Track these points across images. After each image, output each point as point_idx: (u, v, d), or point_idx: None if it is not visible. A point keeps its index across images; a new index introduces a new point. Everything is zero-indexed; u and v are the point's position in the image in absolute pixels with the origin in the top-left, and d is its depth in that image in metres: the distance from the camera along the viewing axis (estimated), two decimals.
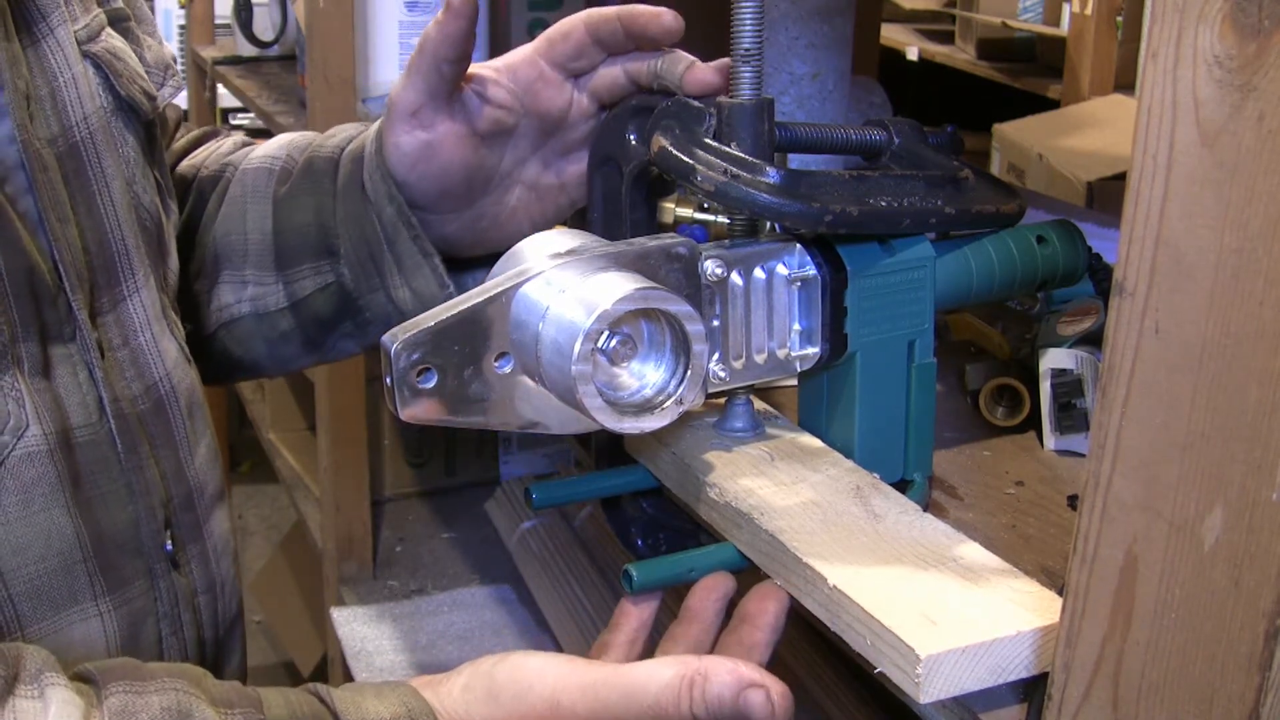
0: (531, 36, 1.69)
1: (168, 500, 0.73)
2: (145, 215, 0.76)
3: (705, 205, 0.89)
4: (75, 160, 0.70)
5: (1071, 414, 0.78)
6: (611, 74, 0.78)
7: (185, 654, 0.74)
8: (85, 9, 0.74)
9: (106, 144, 0.73)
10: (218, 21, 2.63)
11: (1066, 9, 2.74)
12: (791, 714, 0.59)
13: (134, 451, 0.70)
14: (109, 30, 0.76)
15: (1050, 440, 0.79)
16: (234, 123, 3.11)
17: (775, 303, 0.67)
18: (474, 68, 0.79)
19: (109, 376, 0.69)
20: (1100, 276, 0.81)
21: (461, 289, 0.80)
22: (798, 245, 0.67)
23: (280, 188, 0.87)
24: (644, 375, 0.62)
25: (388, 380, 0.59)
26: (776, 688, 0.58)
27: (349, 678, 1.62)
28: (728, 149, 0.65)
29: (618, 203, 0.74)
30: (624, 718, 0.58)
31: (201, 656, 0.76)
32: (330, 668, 1.85)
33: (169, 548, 0.73)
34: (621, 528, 0.76)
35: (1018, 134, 2.34)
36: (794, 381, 0.72)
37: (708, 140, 0.66)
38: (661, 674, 0.58)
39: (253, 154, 0.91)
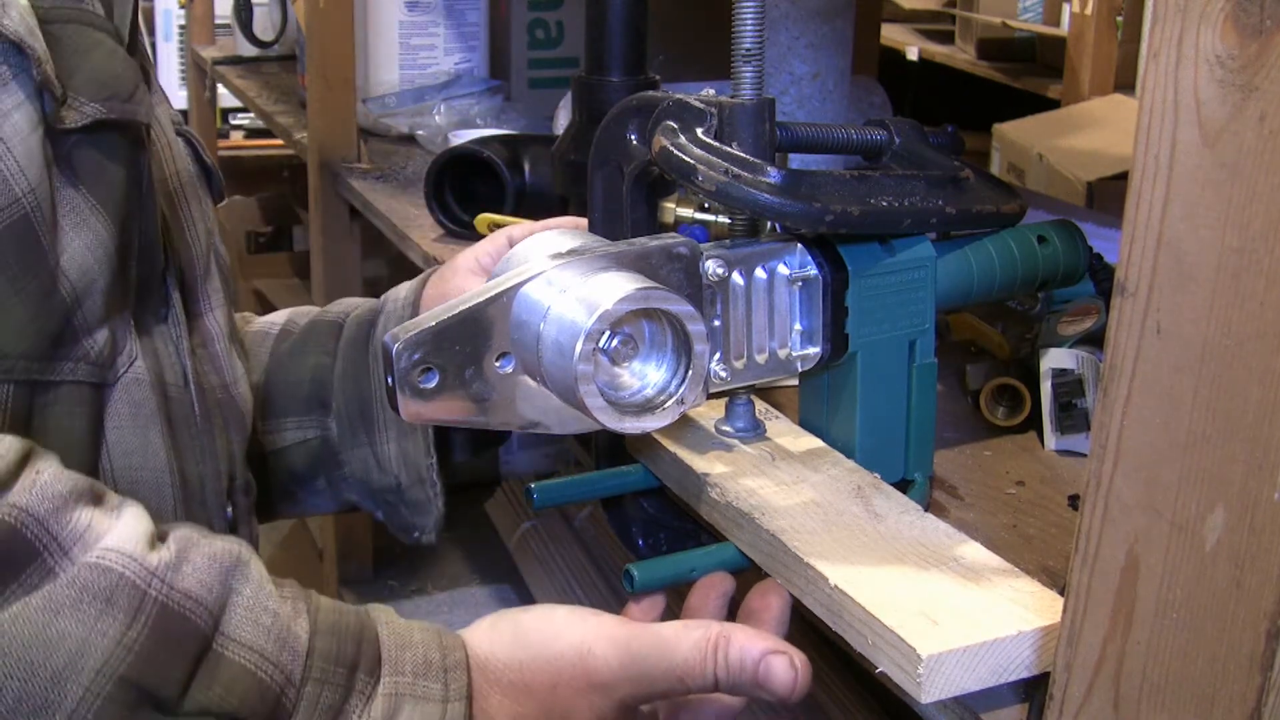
0: (532, 36, 1.70)
1: (231, 476, 0.77)
2: (220, 259, 0.81)
3: (706, 205, 0.89)
4: (171, 201, 0.76)
5: (1072, 414, 0.78)
6: None
7: None
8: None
9: (193, 197, 0.78)
10: (218, 21, 2.63)
11: (1066, 9, 2.74)
12: (809, 685, 0.59)
13: (209, 421, 0.74)
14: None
15: (1051, 440, 0.79)
16: (234, 123, 3.12)
17: (776, 303, 0.67)
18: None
19: (199, 359, 0.74)
20: (1101, 276, 0.81)
21: (443, 461, 0.88)
22: (799, 245, 0.67)
23: (280, 345, 0.90)
24: (645, 375, 0.62)
25: (389, 380, 0.59)
26: (799, 656, 0.59)
27: None
28: (729, 149, 0.65)
29: (618, 203, 0.74)
30: (651, 673, 0.59)
31: None
32: None
33: (229, 514, 0.76)
34: (622, 528, 0.76)
35: (1018, 134, 2.34)
36: (795, 381, 0.72)
37: (708, 140, 0.66)
38: (690, 634, 0.59)
39: (253, 321, 0.95)
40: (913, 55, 3.27)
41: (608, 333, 0.59)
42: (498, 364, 0.61)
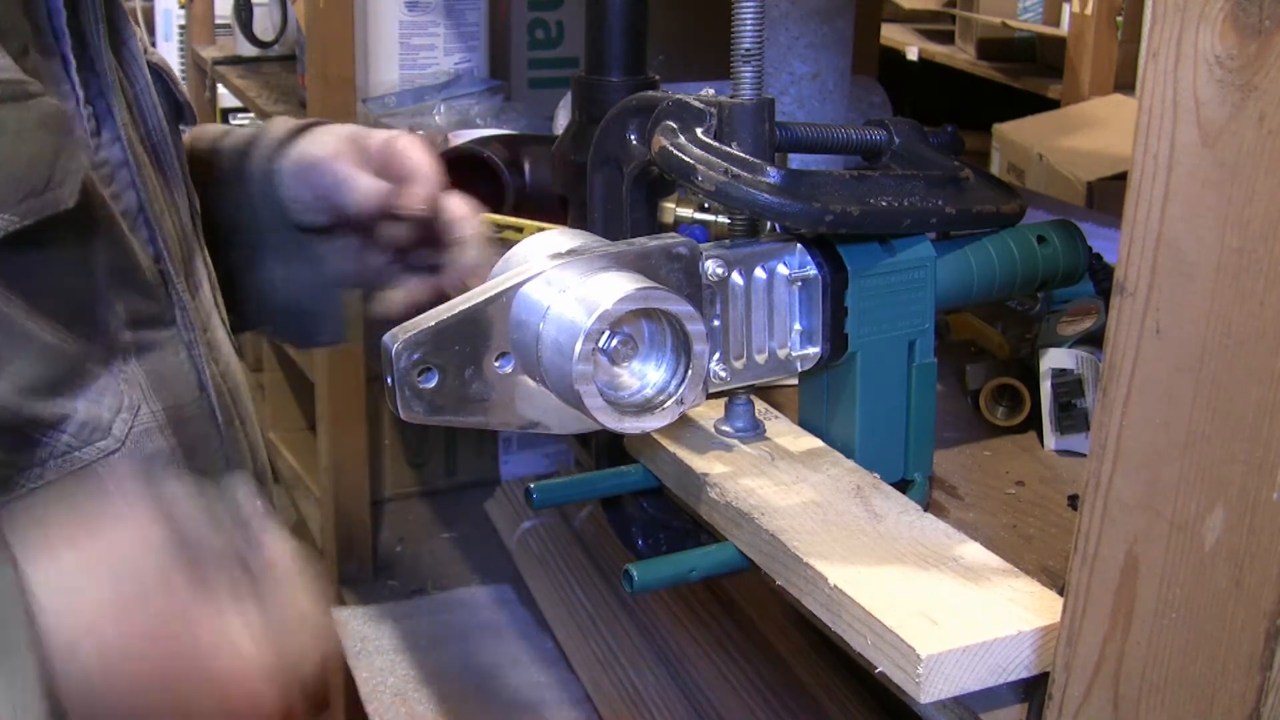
0: (532, 36, 1.70)
1: (255, 471, 0.77)
2: (196, 211, 0.80)
3: (706, 205, 0.89)
4: (158, 159, 0.74)
5: (1072, 414, 0.78)
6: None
7: None
8: (133, 20, 0.78)
9: (173, 146, 0.77)
10: (218, 21, 2.63)
11: (1066, 9, 2.73)
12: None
13: (230, 424, 0.74)
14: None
15: (1051, 440, 0.79)
16: (234, 123, 3.12)
17: (776, 302, 0.67)
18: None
19: (204, 357, 0.73)
20: (1100, 276, 0.81)
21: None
22: (798, 245, 0.67)
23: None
24: (645, 375, 0.62)
25: (389, 380, 0.59)
26: None
27: (349, 678, 1.63)
28: (728, 149, 0.65)
29: (618, 203, 0.74)
30: None
31: None
32: (330, 667, 1.85)
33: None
34: (622, 528, 0.76)
35: (1018, 134, 2.34)
36: (794, 381, 0.72)
37: (708, 140, 0.66)
38: None
39: None
40: (913, 55, 3.27)
41: (607, 332, 0.59)
42: (497, 364, 0.61)
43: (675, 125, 0.68)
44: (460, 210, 0.82)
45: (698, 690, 1.37)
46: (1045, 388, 0.78)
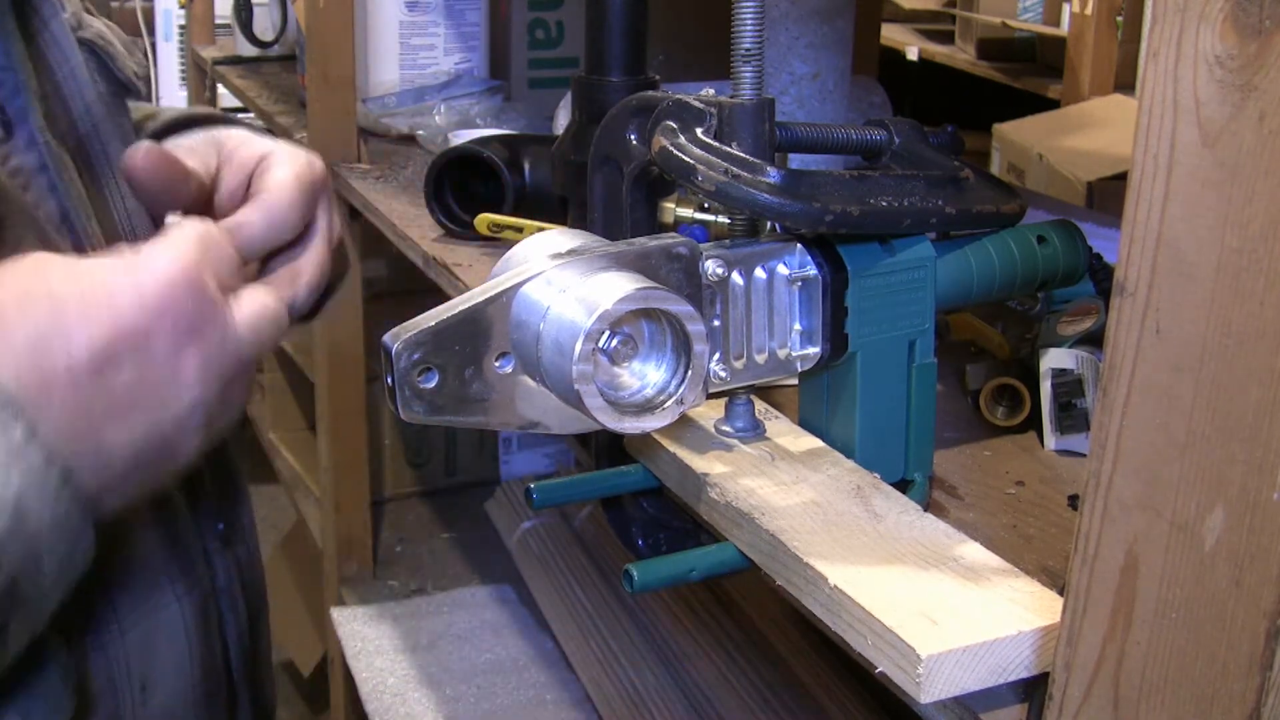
0: (532, 36, 1.70)
1: (214, 482, 0.75)
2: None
3: (706, 205, 0.89)
4: (85, 153, 0.69)
5: (1072, 414, 0.78)
6: None
7: (242, 630, 0.76)
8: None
9: (110, 131, 0.72)
10: (218, 21, 2.63)
11: (1066, 9, 2.74)
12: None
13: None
14: (86, 12, 0.75)
15: (1051, 440, 0.79)
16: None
17: (776, 303, 0.67)
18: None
19: None
20: (1100, 276, 0.81)
21: None
22: (798, 245, 0.67)
23: None
24: (645, 375, 0.62)
25: (389, 380, 0.59)
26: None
27: (349, 678, 1.63)
28: (728, 149, 0.65)
29: (618, 203, 0.74)
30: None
31: (254, 629, 0.78)
32: (330, 668, 1.85)
33: (220, 527, 0.74)
34: (621, 528, 0.76)
35: (1018, 134, 2.34)
36: (794, 381, 0.72)
37: (708, 140, 0.66)
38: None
39: None
40: (913, 55, 3.27)
41: (607, 333, 0.59)
42: (497, 364, 0.61)
43: (675, 125, 0.68)
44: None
45: (698, 690, 1.37)
46: (1045, 388, 0.78)
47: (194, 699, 0.70)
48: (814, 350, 0.68)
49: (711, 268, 0.65)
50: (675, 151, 0.65)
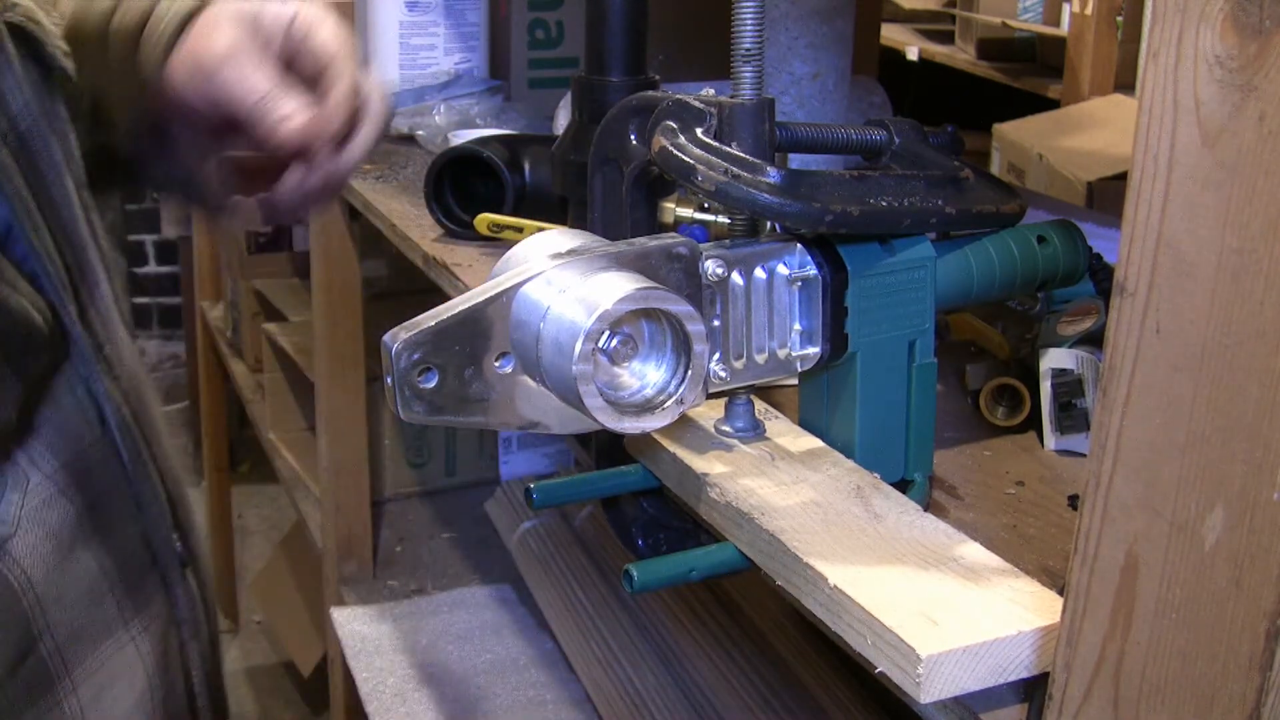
0: (532, 36, 1.70)
1: (170, 500, 0.72)
2: (84, 188, 0.71)
3: (706, 205, 0.89)
4: (28, 153, 0.65)
5: (1072, 414, 0.78)
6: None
7: (204, 653, 0.73)
8: None
9: (48, 123, 0.67)
10: None
11: (1066, 9, 2.73)
12: None
13: (138, 459, 0.68)
14: None
15: (1050, 440, 0.79)
16: None
17: (776, 303, 0.67)
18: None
19: (105, 384, 0.66)
20: (1100, 276, 0.81)
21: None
22: (798, 245, 0.67)
23: None
24: (645, 375, 0.62)
25: (388, 380, 0.59)
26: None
27: (349, 678, 1.63)
28: (728, 149, 0.65)
29: (618, 203, 0.74)
30: None
31: (213, 648, 0.75)
32: (330, 668, 1.85)
33: (180, 549, 0.71)
34: (621, 528, 0.76)
35: (1018, 134, 2.34)
36: (794, 381, 0.72)
37: (708, 140, 0.66)
38: None
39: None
40: (913, 55, 3.27)
41: (607, 332, 0.59)
42: (497, 364, 0.61)
43: (675, 125, 0.68)
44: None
45: (698, 690, 1.37)
46: (1045, 388, 0.78)
47: None
48: (814, 350, 0.68)
49: (711, 268, 0.65)
50: (675, 151, 0.65)
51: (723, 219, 0.87)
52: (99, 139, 0.77)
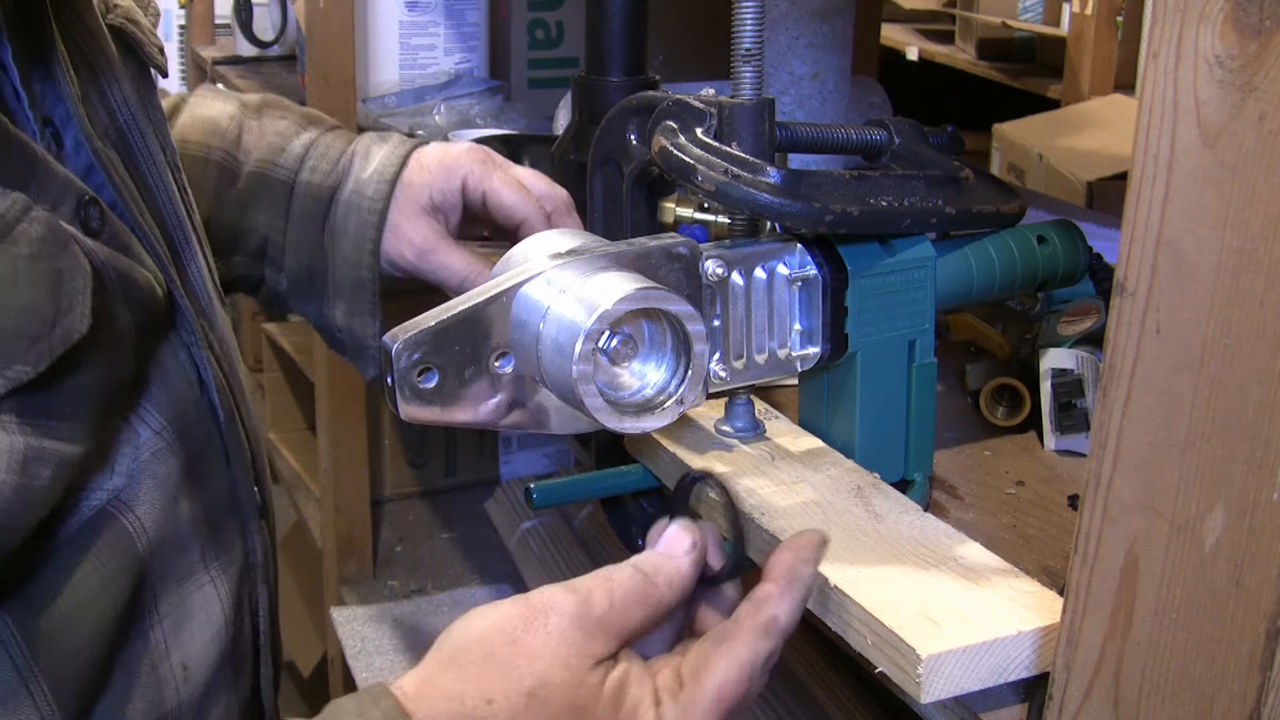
0: (532, 36, 1.70)
1: (253, 457, 0.76)
2: (179, 172, 0.76)
3: (706, 205, 0.89)
4: (126, 144, 0.70)
5: (1072, 414, 0.78)
6: None
7: (271, 600, 0.77)
8: None
9: (144, 117, 0.72)
10: (218, 21, 2.63)
11: (1066, 9, 2.73)
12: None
13: (230, 417, 0.72)
14: None
15: (1051, 440, 0.79)
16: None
17: (776, 302, 0.67)
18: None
19: (203, 349, 0.71)
20: (1100, 276, 0.81)
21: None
22: (798, 245, 0.67)
23: (224, 188, 0.90)
24: (645, 375, 0.62)
25: (389, 380, 0.59)
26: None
27: (349, 677, 1.63)
28: (728, 149, 0.65)
29: (618, 203, 0.74)
30: (594, 591, 0.56)
31: (273, 600, 0.78)
32: (330, 668, 1.85)
33: (259, 500, 0.75)
34: (622, 528, 0.76)
35: (1018, 134, 2.34)
36: (794, 381, 0.72)
37: (708, 140, 0.66)
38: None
39: (183, 122, 0.92)
40: (913, 55, 3.27)
41: (607, 333, 0.59)
42: (497, 364, 0.61)
43: (675, 125, 0.68)
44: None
45: None
46: (1045, 388, 0.78)
47: (226, 673, 0.71)
48: (814, 350, 0.68)
49: (711, 268, 0.65)
50: (675, 151, 0.65)
51: (723, 219, 0.87)
52: (256, 272, 0.91)
